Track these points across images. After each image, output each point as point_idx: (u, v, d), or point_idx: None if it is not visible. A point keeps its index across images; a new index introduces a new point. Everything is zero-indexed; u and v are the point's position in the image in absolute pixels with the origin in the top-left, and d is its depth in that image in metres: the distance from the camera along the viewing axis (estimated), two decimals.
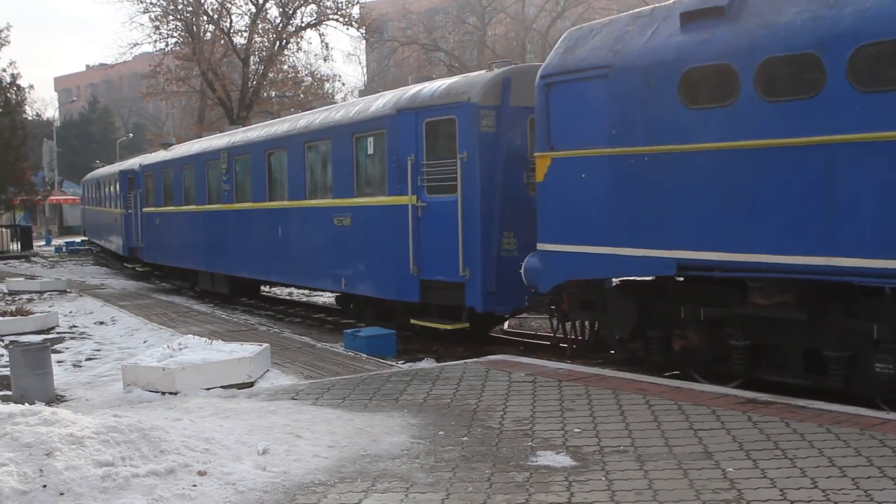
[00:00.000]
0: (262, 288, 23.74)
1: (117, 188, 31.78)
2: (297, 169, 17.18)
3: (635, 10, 10.64)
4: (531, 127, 12.31)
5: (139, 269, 30.58)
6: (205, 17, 44.87)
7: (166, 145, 28.43)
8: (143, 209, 27.81)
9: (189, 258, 24.19)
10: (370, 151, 14.73)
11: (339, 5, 44.72)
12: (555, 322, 12.10)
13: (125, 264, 33.44)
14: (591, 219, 10.34)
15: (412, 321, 13.87)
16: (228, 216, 20.86)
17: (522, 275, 11.47)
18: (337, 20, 45.08)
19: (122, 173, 30.98)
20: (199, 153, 23.09)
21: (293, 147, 17.34)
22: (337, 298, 17.91)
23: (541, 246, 11.11)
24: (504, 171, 12.71)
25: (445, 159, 13.13)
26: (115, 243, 33.61)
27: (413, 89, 14.15)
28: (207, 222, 22.33)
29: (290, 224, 17.50)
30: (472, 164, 12.76)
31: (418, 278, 13.46)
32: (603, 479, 6.14)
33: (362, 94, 45.09)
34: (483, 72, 13.64)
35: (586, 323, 11.85)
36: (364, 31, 47.33)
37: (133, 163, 31.02)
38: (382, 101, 14.66)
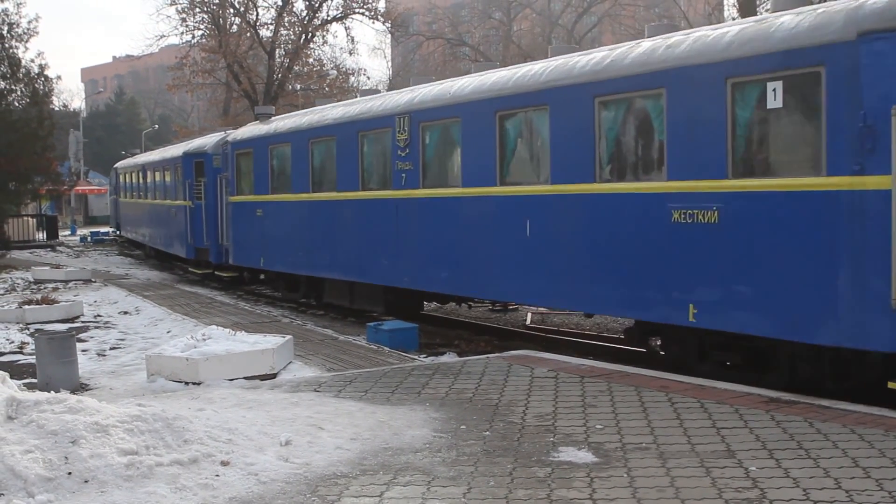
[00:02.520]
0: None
1: (178, 174, 25.99)
2: (574, 137, 11.55)
3: None
4: None
5: (224, 277, 23.80)
6: (231, 10, 45.11)
7: (264, 116, 22.21)
8: (230, 198, 21.84)
9: (312, 262, 18.20)
10: (773, 104, 9.26)
11: None
12: None
13: (191, 269, 26.17)
14: None
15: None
16: (406, 207, 14.94)
17: None
18: (363, 14, 45.18)
19: (188, 156, 25.04)
20: (349, 121, 16.71)
21: (568, 104, 11.69)
22: (628, 332, 12.11)
23: None
24: None
25: None
26: (172, 242, 27.53)
27: None
28: (358, 216, 16.37)
29: (554, 219, 11.97)
30: None
31: None
32: (625, 475, 6.13)
33: (389, 88, 45.09)
34: None
35: None
36: (389, 26, 47.40)
37: (202, 143, 25.28)
38: (806, 22, 9.05)
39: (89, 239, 47.56)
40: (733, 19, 38.66)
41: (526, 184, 12.52)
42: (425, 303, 17.43)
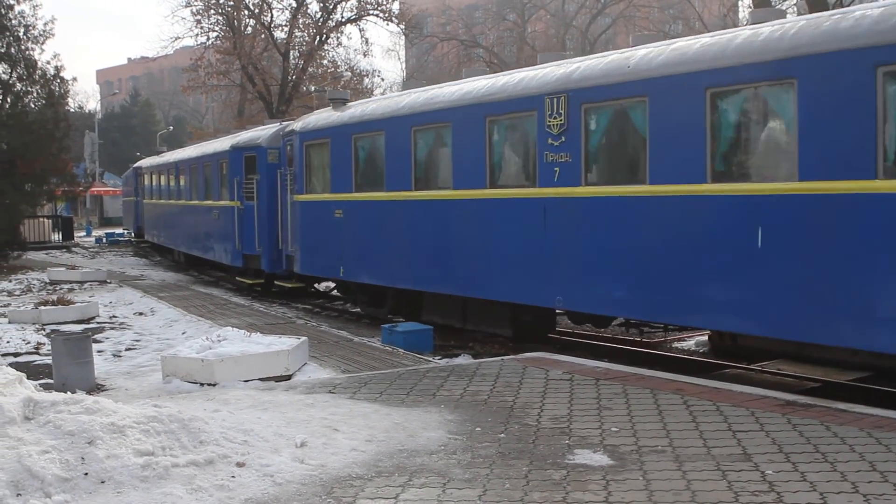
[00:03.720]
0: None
1: (223, 172, 23.46)
2: (842, 120, 8.93)
3: None
4: None
5: (289, 287, 20.83)
6: (246, 12, 45.29)
7: (338, 101, 18.72)
8: (296, 197, 19.05)
9: (411, 274, 15.37)
10: None
11: (380, 1, 44.93)
12: None
13: (238, 279, 23.51)
14: None
15: None
16: (560, 209, 12.12)
17: None
18: (377, 15, 45.30)
19: (237, 150, 22.14)
20: (471, 103, 13.72)
21: (829, 77, 9.05)
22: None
23: None
24: None
25: None
26: (213, 248, 25.10)
27: None
28: (482, 219, 13.57)
29: (804, 226, 9.31)
30: None
31: None
32: (640, 478, 6.11)
33: (403, 89, 45.25)
34: None
35: None
36: (403, 27, 47.49)
37: (255, 136, 22.38)
38: None
39: (104, 240, 47.80)
40: (746, 21, 38.63)
41: (755, 181, 9.82)
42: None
